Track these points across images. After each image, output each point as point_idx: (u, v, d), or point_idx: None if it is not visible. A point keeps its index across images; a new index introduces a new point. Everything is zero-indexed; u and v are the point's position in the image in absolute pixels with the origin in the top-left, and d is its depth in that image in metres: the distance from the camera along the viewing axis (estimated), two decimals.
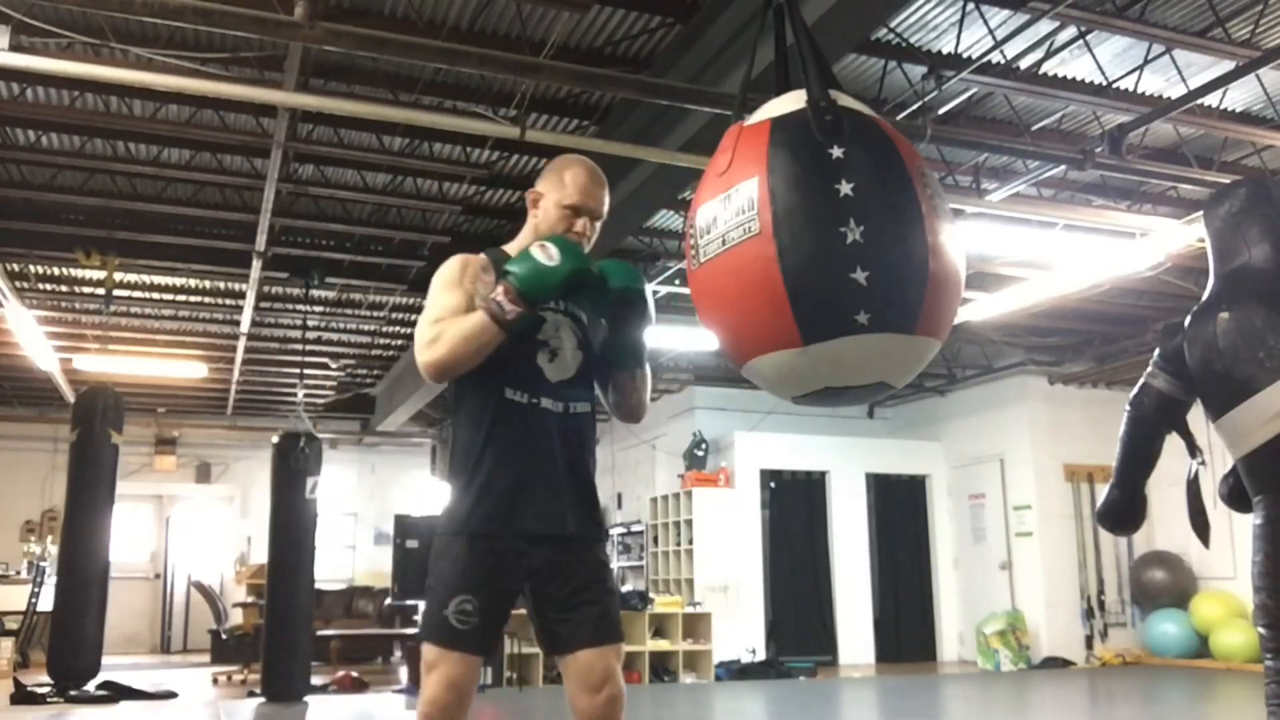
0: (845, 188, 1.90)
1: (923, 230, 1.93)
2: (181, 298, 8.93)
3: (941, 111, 5.52)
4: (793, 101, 2.08)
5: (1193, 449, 2.89)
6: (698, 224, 2.07)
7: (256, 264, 7.24)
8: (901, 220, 1.92)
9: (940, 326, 2.01)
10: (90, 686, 7.44)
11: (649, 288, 2.21)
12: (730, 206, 2.00)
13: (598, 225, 2.32)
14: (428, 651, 2.09)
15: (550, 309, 2.21)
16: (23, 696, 7.15)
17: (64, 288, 8.54)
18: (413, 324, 1.89)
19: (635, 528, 12.34)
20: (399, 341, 10.28)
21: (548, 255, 2.06)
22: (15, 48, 4.27)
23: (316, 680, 8.09)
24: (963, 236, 2.14)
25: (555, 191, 2.28)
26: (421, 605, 2.16)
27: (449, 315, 2.13)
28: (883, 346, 1.93)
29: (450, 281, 2.19)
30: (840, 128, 1.97)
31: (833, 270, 1.87)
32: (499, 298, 2.06)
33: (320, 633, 9.18)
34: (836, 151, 1.94)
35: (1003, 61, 5.19)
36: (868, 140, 2.00)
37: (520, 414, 2.18)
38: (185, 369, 10.17)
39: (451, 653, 2.06)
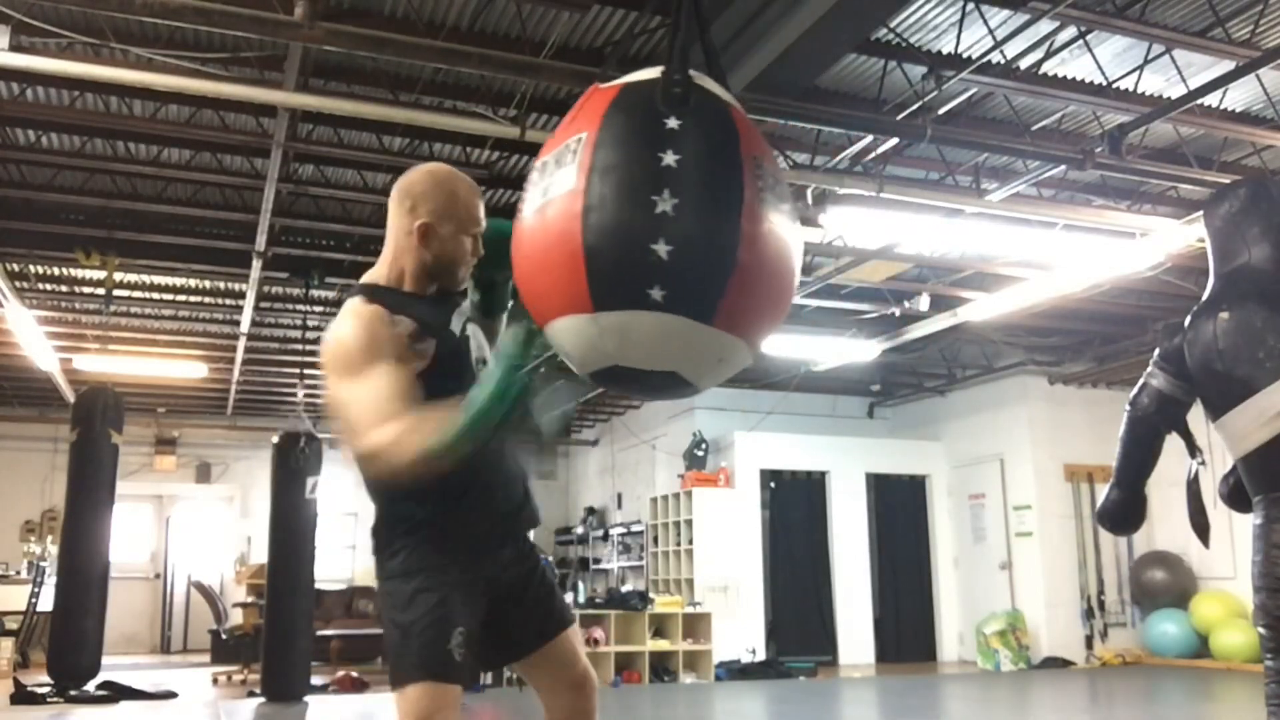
0: (669, 158, 1.80)
1: (738, 218, 1.80)
2: (181, 298, 8.93)
3: (941, 111, 5.51)
4: (656, 72, 1.99)
5: (1193, 449, 2.89)
6: (531, 174, 1.98)
7: (256, 264, 7.24)
8: (718, 202, 1.80)
9: (742, 325, 1.87)
10: (90, 686, 7.44)
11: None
12: (558, 159, 1.91)
13: None
14: (427, 691, 1.92)
15: (460, 323, 2.12)
16: (23, 696, 7.15)
17: (64, 288, 8.54)
18: (347, 397, 1.75)
19: (635, 528, 12.35)
20: None
21: (551, 404, 1.95)
22: (15, 48, 4.28)
23: (316, 680, 8.09)
24: (795, 242, 1.93)
25: (451, 220, 2.08)
26: (396, 638, 1.98)
27: (401, 399, 1.89)
28: (674, 330, 1.80)
29: (376, 347, 1.95)
30: (684, 101, 1.87)
31: (634, 237, 1.77)
32: (463, 447, 1.87)
33: (320, 633, 9.18)
34: (672, 122, 1.84)
35: (1003, 61, 5.19)
36: (709, 119, 1.89)
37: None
38: (185, 369, 10.17)
39: (452, 687, 1.96)
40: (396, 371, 1.92)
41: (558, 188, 1.87)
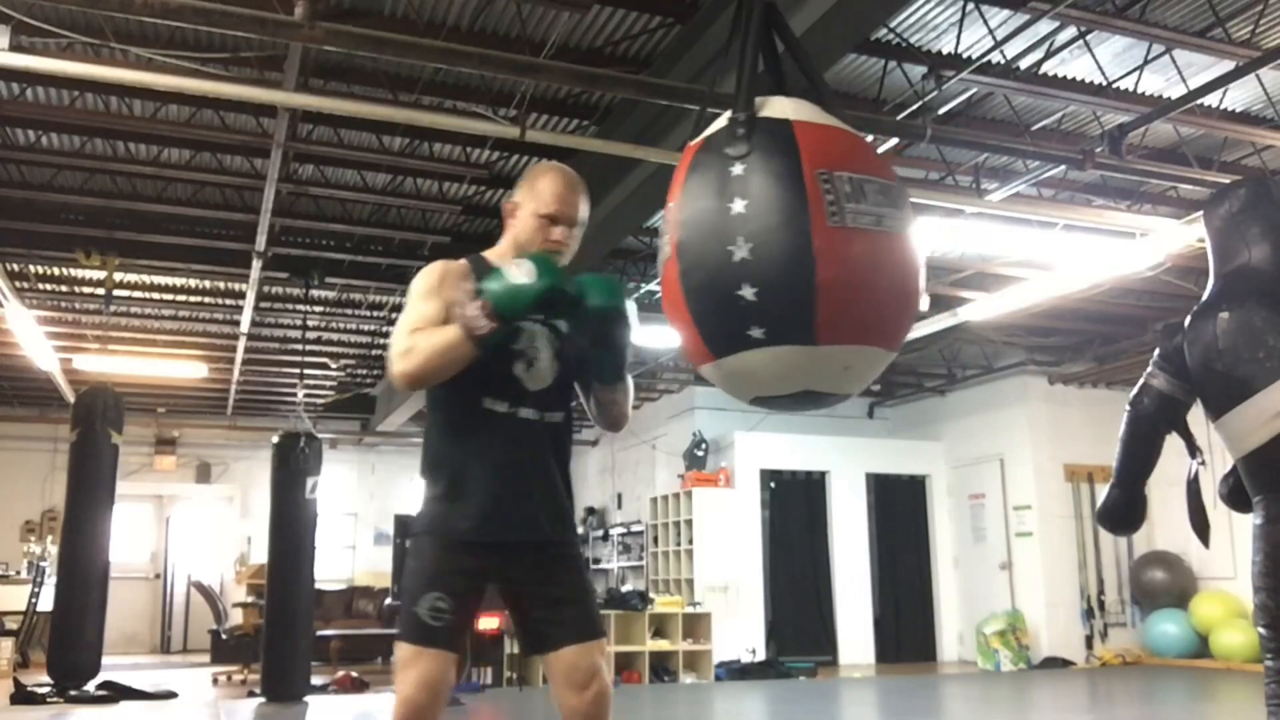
0: (738, 205, 1.92)
1: (808, 241, 1.89)
2: (181, 298, 8.93)
3: (941, 111, 5.51)
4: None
5: (1193, 449, 2.89)
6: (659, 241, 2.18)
7: (256, 264, 7.24)
8: (785, 234, 1.90)
9: (851, 333, 1.95)
10: (90, 686, 7.44)
11: (631, 303, 2.23)
12: (662, 229, 2.12)
13: (576, 232, 2.31)
14: (402, 650, 2.11)
15: (528, 318, 2.20)
16: (23, 696, 7.15)
17: (64, 288, 8.54)
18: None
19: (635, 528, 12.35)
20: None
21: (521, 273, 2.06)
22: (15, 48, 4.27)
23: (316, 680, 8.09)
24: (893, 236, 1.99)
25: (531, 201, 2.27)
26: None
27: (425, 325, 2.13)
28: (785, 358, 1.93)
29: (428, 290, 2.19)
30: (748, 141, 1.97)
31: (722, 288, 1.91)
32: (472, 313, 2.05)
33: (320, 633, 9.18)
34: (737, 169, 1.96)
35: (1003, 61, 5.19)
36: (770, 151, 1.97)
37: (498, 423, 2.20)
38: (185, 369, 10.17)
39: (425, 650, 2.08)
40: (437, 305, 2.15)
41: (661, 256, 2.10)
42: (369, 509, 13.91)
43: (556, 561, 2.22)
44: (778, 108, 2.04)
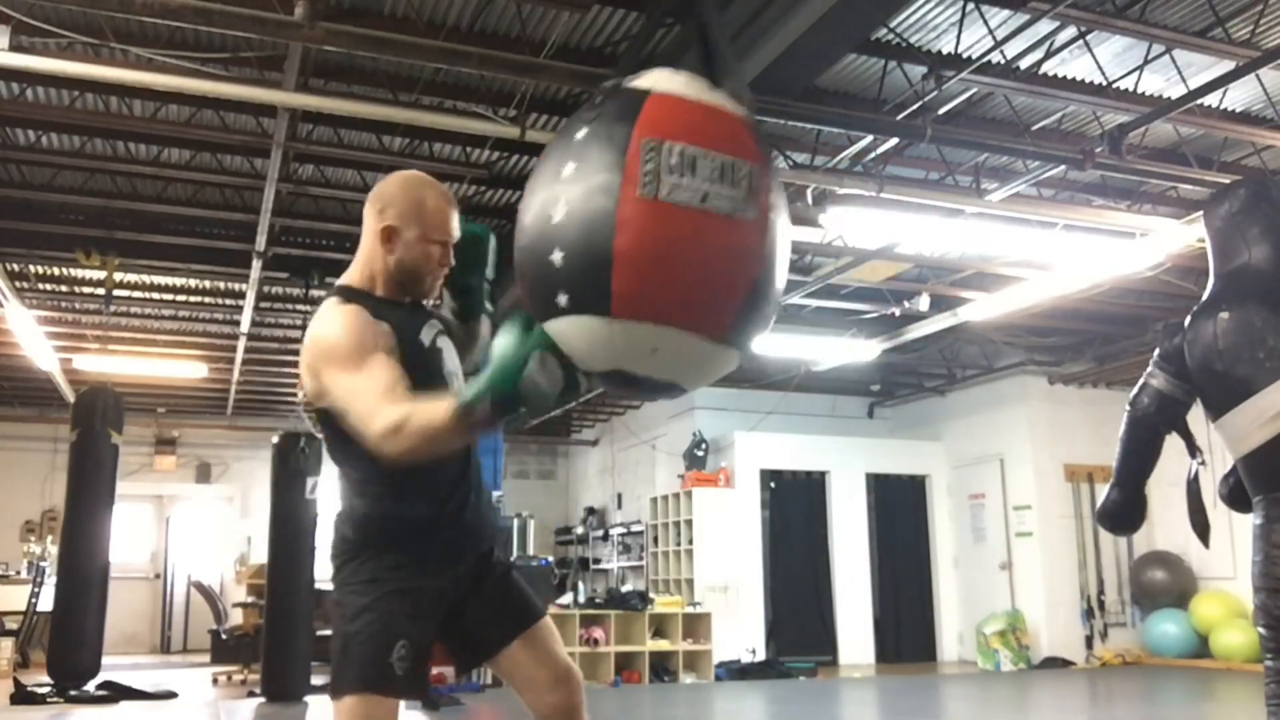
0: (568, 169, 1.88)
1: (613, 208, 1.81)
2: (181, 298, 8.93)
3: (941, 111, 5.51)
4: (652, 78, 2.02)
5: (1193, 449, 2.89)
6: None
7: (256, 264, 7.24)
8: (594, 197, 1.84)
9: (650, 310, 1.84)
10: (90, 686, 7.43)
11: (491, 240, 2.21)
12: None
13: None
14: (363, 703, 1.92)
15: (433, 331, 2.13)
16: (23, 696, 7.15)
17: (64, 288, 8.54)
18: (340, 388, 1.76)
19: (635, 528, 12.35)
20: None
21: (550, 378, 1.85)
22: (15, 48, 4.28)
23: (316, 680, 8.08)
24: (710, 215, 1.86)
25: (418, 225, 2.07)
26: (338, 647, 1.98)
27: (395, 386, 1.88)
28: (586, 330, 1.85)
29: (365, 342, 1.94)
30: (598, 108, 1.93)
31: (539, 252, 1.87)
32: (483, 414, 1.80)
33: (320, 633, 9.16)
34: (580, 133, 1.91)
35: (1003, 61, 5.19)
36: (611, 116, 1.92)
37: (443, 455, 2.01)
38: (185, 369, 10.17)
39: (387, 700, 1.95)
40: (392, 363, 1.93)
41: None
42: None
43: (489, 565, 2.15)
44: (650, 79, 1.98)
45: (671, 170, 1.85)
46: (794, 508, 11.07)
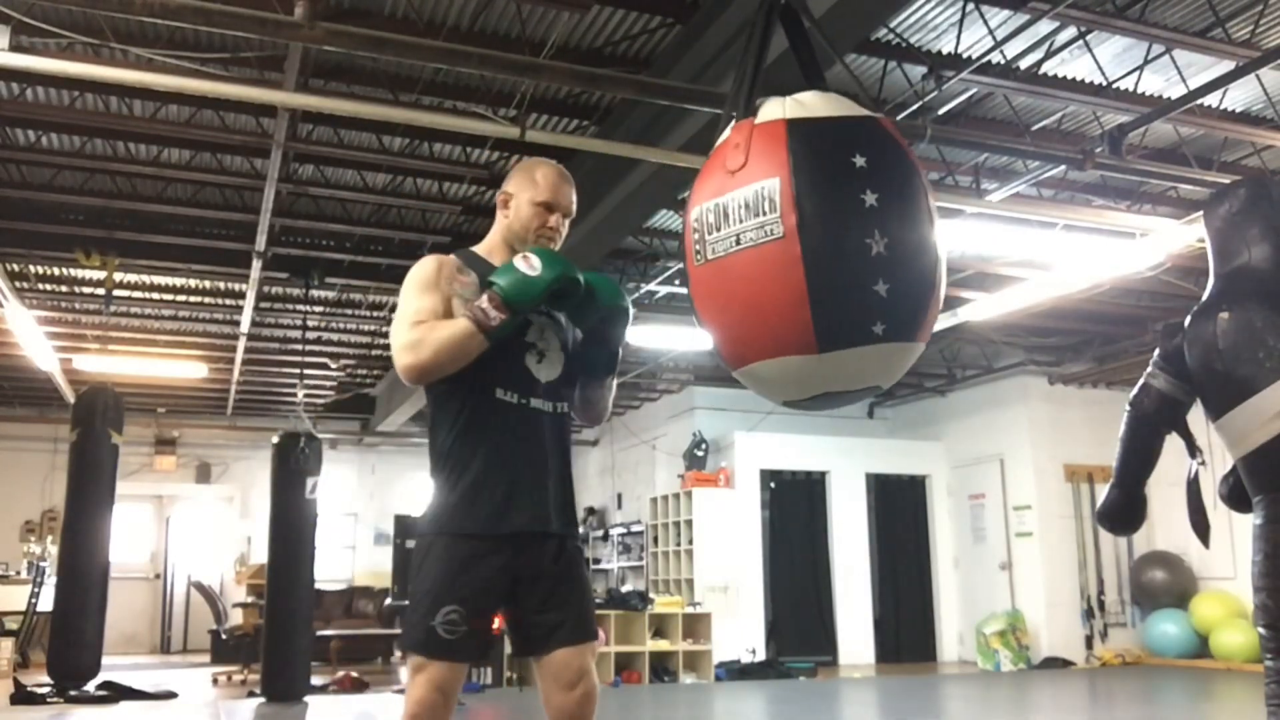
0: (870, 198, 1.89)
1: (934, 243, 1.98)
2: (181, 298, 8.93)
3: (941, 111, 5.51)
4: (803, 104, 2.06)
5: (1193, 449, 2.89)
6: (703, 219, 2.04)
7: (256, 264, 7.24)
8: (919, 233, 1.95)
9: (930, 331, 2.09)
10: (90, 686, 7.43)
11: (630, 301, 2.26)
12: (746, 205, 1.95)
13: (568, 223, 2.34)
14: (413, 659, 2.09)
15: (534, 312, 2.21)
16: (23, 696, 7.15)
17: (64, 288, 8.54)
18: (392, 322, 1.87)
19: (635, 528, 12.35)
20: None
21: (531, 265, 2.08)
22: (15, 48, 4.27)
23: (316, 680, 8.09)
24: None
25: (527, 190, 2.29)
26: (409, 603, 2.16)
27: (428, 317, 2.13)
28: (890, 354, 1.97)
29: (426, 283, 2.18)
30: (859, 134, 1.98)
31: (858, 281, 1.88)
32: (484, 305, 2.07)
33: (320, 633, 9.18)
34: (859, 160, 1.93)
35: (1003, 61, 5.19)
36: (886, 149, 2.00)
37: (511, 414, 2.18)
38: (185, 369, 10.17)
39: (436, 662, 2.07)
40: (436, 299, 2.15)
41: (757, 235, 1.94)
42: (369, 509, 13.91)
43: (561, 555, 2.20)
44: (847, 104, 2.13)
45: (933, 199, 2.10)
46: (794, 508, 11.07)
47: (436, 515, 2.16)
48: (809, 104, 2.05)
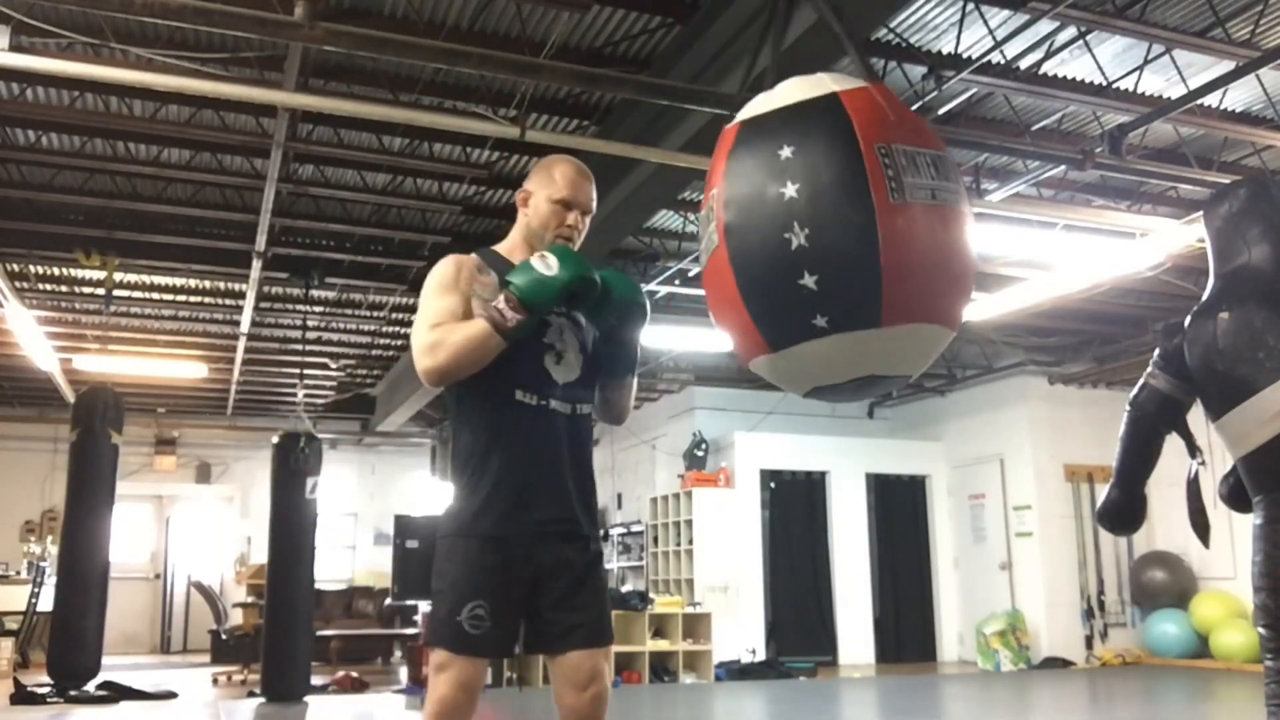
0: (790, 190, 1.84)
1: (873, 226, 1.83)
2: (181, 298, 8.93)
3: (941, 111, 5.52)
4: (771, 97, 2.02)
5: (1193, 449, 2.89)
6: (699, 229, 2.11)
7: (256, 264, 7.24)
8: (845, 220, 1.83)
9: (919, 311, 1.91)
10: (90, 686, 7.44)
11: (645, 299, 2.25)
12: (703, 218, 2.02)
13: (588, 220, 2.33)
14: (438, 654, 2.10)
15: (552, 313, 2.21)
16: (23, 696, 7.15)
17: (64, 288, 8.54)
18: (413, 324, 1.89)
19: (635, 528, 12.34)
20: (399, 342, 10.28)
21: (547, 265, 2.07)
22: (15, 48, 4.27)
23: (316, 680, 8.09)
24: (949, 207, 1.97)
25: (546, 188, 2.28)
26: (424, 606, 2.17)
27: (447, 319, 2.13)
28: (848, 344, 1.88)
29: (445, 284, 2.18)
30: (794, 123, 1.90)
31: (782, 277, 1.84)
32: (500, 306, 2.07)
33: (320, 633, 9.18)
34: (785, 151, 1.87)
35: (1003, 61, 5.19)
36: (821, 130, 1.90)
37: (529, 415, 2.19)
38: (185, 369, 10.17)
39: (462, 658, 2.08)
40: (456, 300, 2.15)
41: (707, 245, 2.00)
42: (369, 509, 13.91)
43: (581, 556, 2.21)
44: (822, 82, 1.99)
45: (907, 169, 1.88)
46: (794, 508, 11.07)
47: (458, 515, 2.17)
48: (776, 96, 2.00)
